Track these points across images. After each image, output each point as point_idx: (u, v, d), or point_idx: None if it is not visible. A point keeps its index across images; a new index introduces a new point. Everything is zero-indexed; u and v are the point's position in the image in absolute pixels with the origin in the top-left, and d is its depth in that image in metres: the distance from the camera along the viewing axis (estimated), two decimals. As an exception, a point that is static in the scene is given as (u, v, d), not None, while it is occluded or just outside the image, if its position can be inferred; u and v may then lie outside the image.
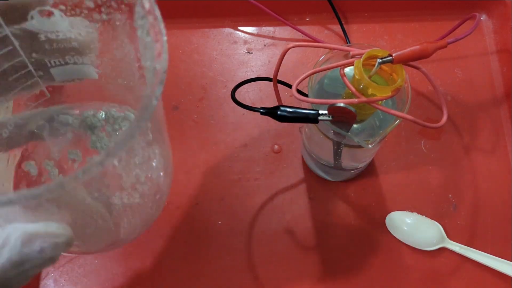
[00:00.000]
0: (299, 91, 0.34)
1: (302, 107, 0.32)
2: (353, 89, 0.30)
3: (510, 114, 0.47)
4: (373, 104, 0.30)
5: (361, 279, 0.42)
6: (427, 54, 0.30)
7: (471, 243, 0.42)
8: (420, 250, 0.42)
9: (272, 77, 0.36)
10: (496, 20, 0.50)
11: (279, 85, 0.37)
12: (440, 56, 0.45)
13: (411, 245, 0.42)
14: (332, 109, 0.30)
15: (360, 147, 0.34)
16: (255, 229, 0.43)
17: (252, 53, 0.50)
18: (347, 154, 0.37)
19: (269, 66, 0.49)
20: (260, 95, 0.48)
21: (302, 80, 0.32)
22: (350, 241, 0.43)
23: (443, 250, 0.42)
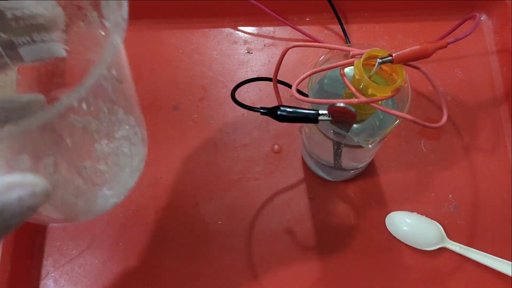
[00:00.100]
0: (299, 91, 0.34)
1: (302, 107, 0.32)
2: (353, 89, 0.30)
3: (510, 114, 0.47)
4: (373, 104, 0.30)
5: (361, 279, 0.42)
6: (427, 54, 0.30)
7: (471, 243, 0.42)
8: (420, 250, 0.42)
9: (272, 77, 0.36)
10: (496, 20, 0.50)
11: (279, 85, 0.37)
12: (440, 56, 0.45)
13: (411, 245, 0.42)
14: (332, 109, 0.30)
15: (360, 147, 0.34)
16: (255, 229, 0.43)
17: (252, 53, 0.50)
18: (347, 154, 0.37)
19: (269, 66, 0.49)
20: (260, 95, 0.48)
21: (302, 80, 0.32)
22: (350, 241, 0.43)
23: (443, 250, 0.42)
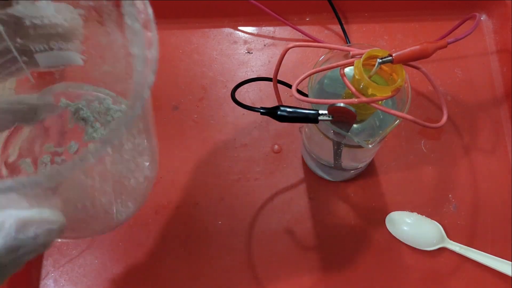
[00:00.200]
0: (299, 91, 0.34)
1: (302, 107, 0.32)
2: (353, 89, 0.30)
3: (510, 114, 0.47)
4: (373, 104, 0.30)
5: (361, 279, 0.42)
6: (427, 54, 0.30)
7: (471, 243, 0.42)
8: (420, 250, 0.42)
9: (272, 77, 0.36)
10: (496, 20, 0.50)
11: (279, 85, 0.37)
12: (440, 56, 0.45)
13: (411, 245, 0.42)
14: (332, 109, 0.30)
15: (360, 147, 0.34)
16: (255, 229, 0.43)
17: (252, 53, 0.50)
18: (347, 154, 0.37)
19: (269, 66, 0.49)
20: (260, 95, 0.48)
21: (302, 80, 0.32)
22: (350, 241, 0.43)
23: (443, 250, 0.42)
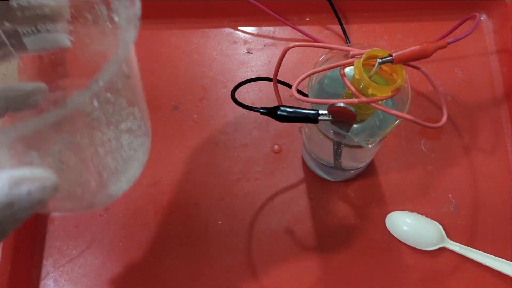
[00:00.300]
0: (299, 91, 0.34)
1: (302, 107, 0.32)
2: (353, 89, 0.30)
3: (510, 114, 0.47)
4: (373, 104, 0.30)
5: (361, 279, 0.42)
6: (427, 54, 0.30)
7: (471, 243, 0.42)
8: (420, 250, 0.42)
9: (272, 77, 0.36)
10: (496, 20, 0.50)
11: (279, 85, 0.37)
12: (440, 56, 0.45)
13: (411, 245, 0.42)
14: (332, 109, 0.30)
15: (360, 147, 0.34)
16: (255, 229, 0.43)
17: (252, 53, 0.50)
18: (347, 154, 0.37)
19: (269, 66, 0.49)
20: (260, 95, 0.48)
21: (302, 80, 0.32)
22: (350, 241, 0.43)
23: (443, 250, 0.42)
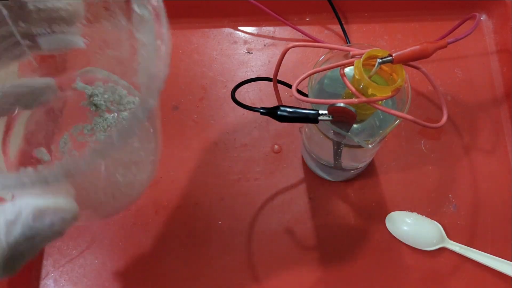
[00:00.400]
0: (299, 91, 0.34)
1: (302, 107, 0.32)
2: (353, 89, 0.30)
3: (510, 114, 0.47)
4: (373, 104, 0.30)
5: (361, 279, 0.42)
6: (427, 54, 0.30)
7: (471, 243, 0.42)
8: (420, 250, 0.42)
9: (272, 77, 0.36)
10: (496, 20, 0.50)
11: (279, 85, 0.37)
12: (440, 56, 0.45)
13: (411, 245, 0.42)
14: (332, 109, 0.30)
15: (360, 147, 0.34)
16: (255, 229, 0.43)
17: (252, 53, 0.50)
18: (347, 154, 0.37)
19: (269, 66, 0.49)
20: (260, 95, 0.48)
21: (302, 80, 0.32)
22: (350, 241, 0.43)
23: (443, 250, 0.42)
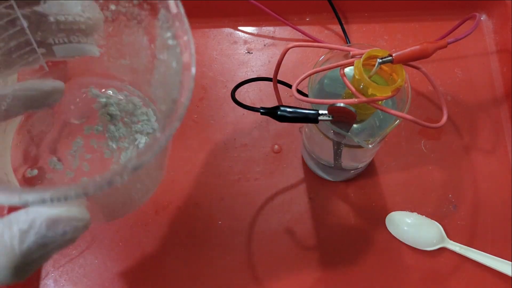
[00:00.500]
0: (299, 91, 0.34)
1: (302, 107, 0.32)
2: (353, 89, 0.30)
3: (510, 114, 0.47)
4: (373, 104, 0.30)
5: (361, 279, 0.42)
6: (427, 54, 0.30)
7: (471, 243, 0.42)
8: (420, 250, 0.42)
9: (272, 77, 0.36)
10: (496, 20, 0.50)
11: (279, 85, 0.37)
12: (440, 56, 0.45)
13: (411, 245, 0.42)
14: (332, 109, 0.30)
15: (360, 147, 0.34)
16: (255, 229, 0.43)
17: (252, 53, 0.50)
18: (347, 154, 0.37)
19: (269, 66, 0.49)
20: (260, 95, 0.48)
21: (302, 80, 0.32)
22: (350, 241, 0.43)
23: (443, 250, 0.42)
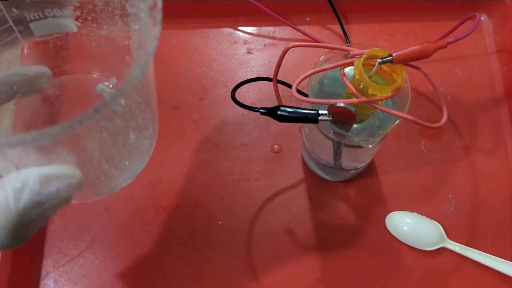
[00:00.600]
0: (299, 91, 0.34)
1: (302, 107, 0.32)
2: (353, 89, 0.30)
3: (510, 114, 0.47)
4: (373, 104, 0.30)
5: (361, 279, 0.42)
6: (427, 54, 0.30)
7: (471, 243, 0.42)
8: (420, 250, 0.42)
9: (272, 77, 0.36)
10: (496, 20, 0.50)
11: (279, 85, 0.37)
12: (440, 56, 0.45)
13: (411, 245, 0.42)
14: (332, 109, 0.30)
15: (360, 147, 0.34)
16: (255, 229, 0.43)
17: (252, 53, 0.50)
18: (347, 154, 0.37)
19: (269, 66, 0.49)
20: (260, 95, 0.48)
21: (302, 80, 0.32)
22: (350, 241, 0.43)
23: (443, 250, 0.42)
